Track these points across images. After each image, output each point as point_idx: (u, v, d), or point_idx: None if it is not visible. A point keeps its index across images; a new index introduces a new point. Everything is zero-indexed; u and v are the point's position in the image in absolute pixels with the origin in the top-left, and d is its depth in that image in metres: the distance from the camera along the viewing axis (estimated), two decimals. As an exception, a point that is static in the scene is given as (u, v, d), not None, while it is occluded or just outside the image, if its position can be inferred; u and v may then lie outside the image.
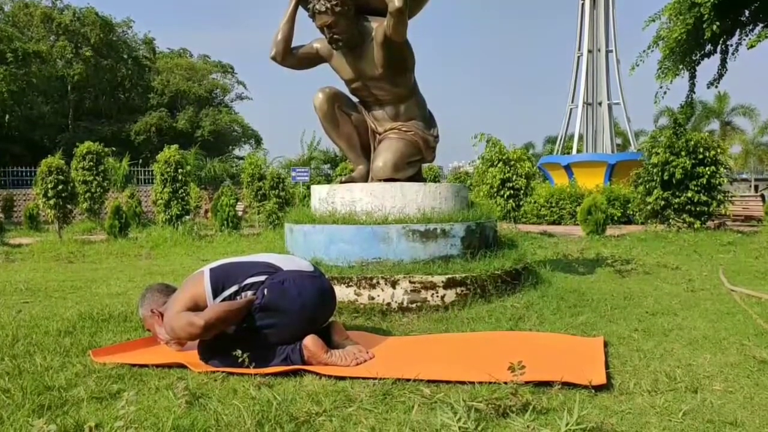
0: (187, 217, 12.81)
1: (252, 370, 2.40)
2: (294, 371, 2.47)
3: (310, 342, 2.53)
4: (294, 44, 4.20)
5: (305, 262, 2.88)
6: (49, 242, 10.12)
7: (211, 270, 2.71)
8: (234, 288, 2.64)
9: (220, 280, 2.66)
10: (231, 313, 2.54)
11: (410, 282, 3.56)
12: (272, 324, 2.55)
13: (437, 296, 3.58)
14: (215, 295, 2.63)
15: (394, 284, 3.56)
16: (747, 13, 10.32)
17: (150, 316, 2.90)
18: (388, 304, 3.55)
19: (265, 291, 2.57)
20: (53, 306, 4.21)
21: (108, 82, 32.45)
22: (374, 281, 3.57)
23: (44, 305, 4.28)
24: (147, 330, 3.01)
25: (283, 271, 2.67)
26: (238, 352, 2.46)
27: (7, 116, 26.49)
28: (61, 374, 2.43)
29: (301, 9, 4.14)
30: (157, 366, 2.56)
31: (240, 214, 15.17)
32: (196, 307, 2.61)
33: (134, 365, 2.57)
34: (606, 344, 2.86)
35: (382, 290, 3.56)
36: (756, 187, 26.35)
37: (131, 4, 77.95)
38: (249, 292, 2.62)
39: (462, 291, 3.64)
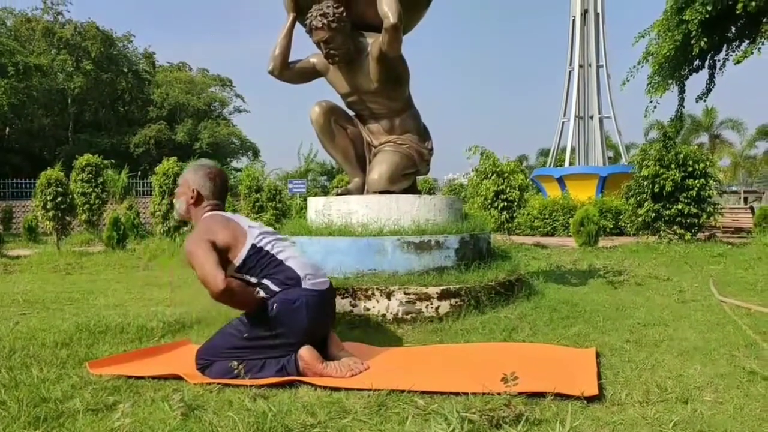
0: (185, 228, 12.81)
1: (248, 381, 2.42)
2: (289, 382, 2.49)
3: (306, 353, 2.56)
4: (291, 59, 4.26)
5: (322, 274, 2.85)
6: (47, 254, 10.10)
7: (253, 246, 2.68)
8: (253, 280, 2.66)
9: (251, 261, 2.66)
10: (250, 306, 2.60)
11: (405, 293, 3.60)
12: (273, 336, 2.58)
13: (432, 307, 3.62)
14: (239, 269, 2.65)
15: (389, 295, 3.59)
16: (733, 29, 10.51)
17: (187, 188, 2.90)
18: (384, 315, 3.58)
19: (275, 306, 2.58)
20: (51, 317, 4.22)
21: (108, 95, 32.59)
22: (370, 292, 3.60)
23: (42, 317, 4.29)
24: (178, 185, 3.00)
25: (298, 289, 2.64)
26: (234, 363, 2.49)
27: (7, 129, 26.55)
28: (58, 386, 2.45)
29: (298, 25, 4.22)
30: (153, 378, 2.57)
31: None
32: (221, 254, 2.60)
33: (130, 377, 2.58)
34: (598, 355, 2.89)
35: (378, 301, 3.59)
36: (745, 200, 26.51)
37: (132, 18, 78.46)
38: (261, 293, 2.64)
39: (456, 302, 3.67)
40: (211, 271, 2.50)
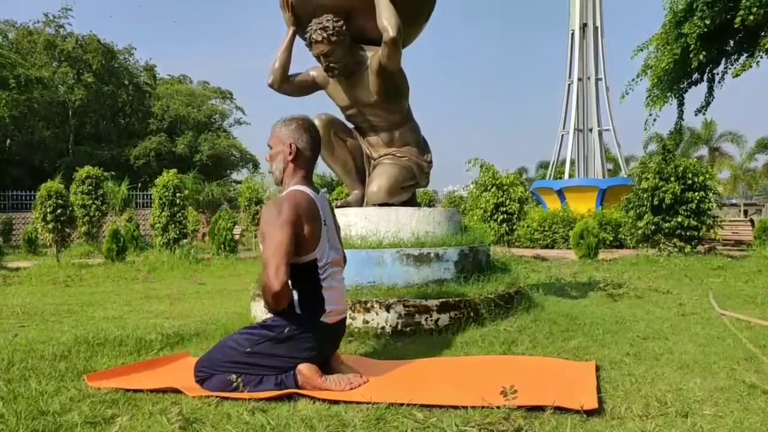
0: (185, 240, 12.83)
1: (246, 395, 2.41)
2: (288, 395, 2.48)
3: (305, 368, 2.55)
4: (291, 72, 4.29)
5: (344, 307, 2.76)
6: (46, 266, 10.11)
7: (315, 260, 2.53)
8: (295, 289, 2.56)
9: (298, 271, 2.52)
10: (277, 308, 2.49)
11: (404, 306, 3.59)
12: (276, 356, 2.55)
13: (431, 320, 3.61)
14: (302, 271, 2.52)
15: (388, 308, 3.59)
16: (732, 43, 10.59)
17: (282, 143, 2.64)
18: (383, 327, 3.58)
19: (285, 331, 2.54)
20: (49, 330, 4.21)
21: (109, 107, 32.77)
22: (369, 305, 3.60)
23: (40, 329, 4.28)
24: (268, 146, 2.70)
25: (315, 321, 2.56)
26: (233, 376, 2.48)
27: (8, 141, 26.65)
28: (56, 399, 2.43)
29: (298, 38, 4.25)
30: (152, 391, 2.56)
31: (237, 237, 15.19)
32: (297, 243, 2.45)
33: (129, 390, 2.57)
34: (598, 368, 2.88)
35: (377, 314, 3.59)
36: (745, 212, 26.56)
37: (134, 31, 79.03)
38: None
39: (455, 315, 3.67)
40: (279, 265, 2.37)
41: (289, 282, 2.48)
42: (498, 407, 2.13)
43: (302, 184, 2.64)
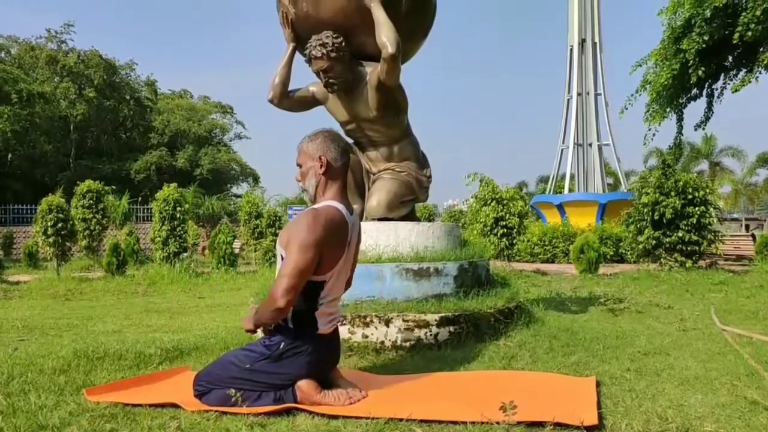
0: (185, 254, 12.83)
1: (245, 410, 2.41)
2: (287, 411, 2.48)
3: (304, 383, 2.54)
4: (291, 87, 4.32)
5: (338, 315, 2.73)
6: (47, 279, 10.10)
7: (324, 281, 2.51)
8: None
9: (308, 286, 2.48)
10: (266, 324, 2.53)
11: (404, 320, 3.59)
12: (275, 374, 2.54)
13: (430, 334, 3.61)
14: (305, 290, 2.48)
15: (387, 322, 3.58)
16: (730, 58, 10.67)
17: (311, 158, 2.59)
18: (382, 342, 3.57)
19: (281, 346, 2.52)
20: (49, 344, 4.20)
21: (110, 122, 32.92)
22: (368, 319, 3.60)
23: (40, 343, 4.27)
24: (297, 165, 2.65)
25: (309, 334, 2.54)
26: (232, 391, 2.47)
27: (9, 155, 26.76)
28: (55, 413, 2.43)
29: (297, 54, 4.29)
30: (151, 405, 2.55)
31: (237, 251, 15.19)
32: (320, 260, 2.42)
33: (128, 404, 2.56)
34: (598, 384, 2.87)
35: (376, 328, 3.58)
36: (747, 227, 26.57)
37: (135, 46, 79.75)
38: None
39: (455, 329, 3.66)
40: (292, 286, 2.36)
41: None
42: (498, 423, 2.12)
43: (337, 200, 2.59)
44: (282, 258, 2.51)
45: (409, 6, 4.05)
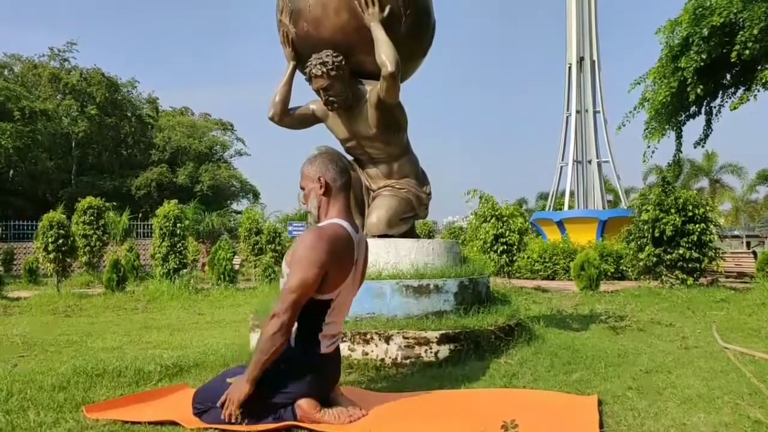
0: (185, 270, 12.82)
1: (244, 428, 2.39)
2: (287, 428, 2.46)
3: (304, 402, 2.52)
4: (291, 105, 4.36)
5: (340, 335, 2.74)
6: (47, 296, 10.09)
7: (331, 300, 2.49)
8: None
9: (311, 306, 2.47)
10: (265, 359, 2.41)
11: (404, 337, 3.58)
12: (276, 392, 2.52)
13: (431, 352, 3.59)
14: (311, 308, 2.48)
15: (387, 340, 3.57)
16: (728, 76, 10.74)
17: (311, 179, 2.63)
18: (382, 359, 3.55)
19: (282, 365, 2.50)
20: (49, 360, 4.19)
21: (111, 139, 33.11)
22: (368, 336, 3.59)
23: (40, 359, 4.26)
24: (300, 188, 2.69)
25: (310, 354, 2.53)
26: (231, 408, 2.46)
27: (11, 171, 26.85)
28: (54, 430, 2.42)
29: (298, 72, 4.34)
30: (150, 423, 2.54)
31: (237, 267, 15.17)
32: (321, 280, 2.42)
33: (127, 422, 2.55)
34: (600, 403, 2.85)
35: (376, 345, 3.57)
36: (748, 244, 26.54)
37: (137, 64, 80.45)
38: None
39: (455, 347, 3.65)
40: (295, 303, 2.37)
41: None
42: (499, 441, 2.11)
43: (341, 218, 2.60)
44: (288, 277, 2.50)
45: (408, 25, 4.10)
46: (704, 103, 11.37)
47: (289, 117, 4.35)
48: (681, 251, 10.03)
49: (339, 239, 2.51)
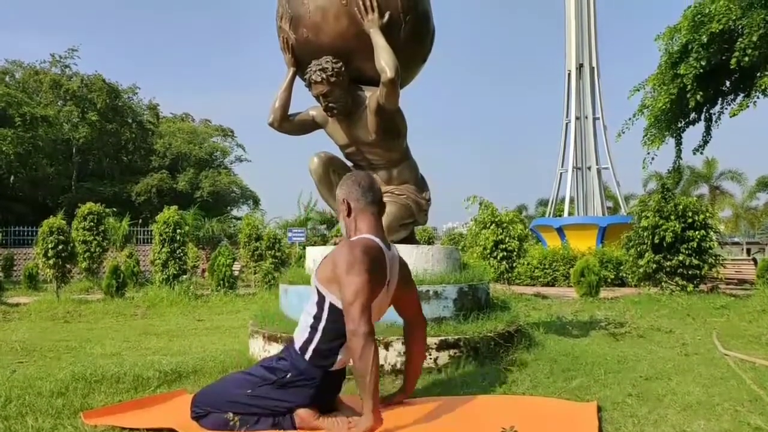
0: (184, 276, 12.81)
1: (242, 434, 2.39)
2: (285, 436, 2.45)
3: (303, 411, 2.52)
4: (291, 111, 4.37)
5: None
6: (46, 301, 10.07)
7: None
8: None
9: (338, 317, 2.48)
10: (363, 368, 2.35)
11: (403, 344, 3.56)
12: (277, 400, 2.52)
13: (430, 358, 3.58)
14: (338, 324, 2.47)
15: (386, 346, 3.56)
16: (728, 83, 10.76)
17: (341, 203, 2.72)
18: (381, 366, 3.54)
19: (288, 375, 2.51)
20: (47, 366, 4.18)
21: (112, 145, 33.12)
22: (368, 343, 3.57)
23: (39, 365, 4.26)
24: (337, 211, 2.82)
25: (321, 369, 2.53)
26: (230, 414, 2.45)
27: (12, 177, 26.88)
28: (52, 437, 2.41)
29: (298, 78, 4.35)
30: (148, 429, 2.54)
31: (236, 273, 15.16)
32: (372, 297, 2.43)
33: (125, 428, 2.54)
34: (600, 409, 2.85)
35: (376, 352, 3.55)
36: (748, 251, 26.54)
37: (138, 71, 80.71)
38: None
39: (455, 353, 3.64)
40: (365, 307, 2.35)
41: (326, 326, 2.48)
42: (498, 448, 2.10)
43: (370, 233, 2.64)
44: (318, 293, 2.54)
45: (408, 31, 4.11)
46: (704, 110, 11.39)
47: (288, 123, 4.36)
48: (681, 258, 10.03)
49: (371, 249, 2.54)
